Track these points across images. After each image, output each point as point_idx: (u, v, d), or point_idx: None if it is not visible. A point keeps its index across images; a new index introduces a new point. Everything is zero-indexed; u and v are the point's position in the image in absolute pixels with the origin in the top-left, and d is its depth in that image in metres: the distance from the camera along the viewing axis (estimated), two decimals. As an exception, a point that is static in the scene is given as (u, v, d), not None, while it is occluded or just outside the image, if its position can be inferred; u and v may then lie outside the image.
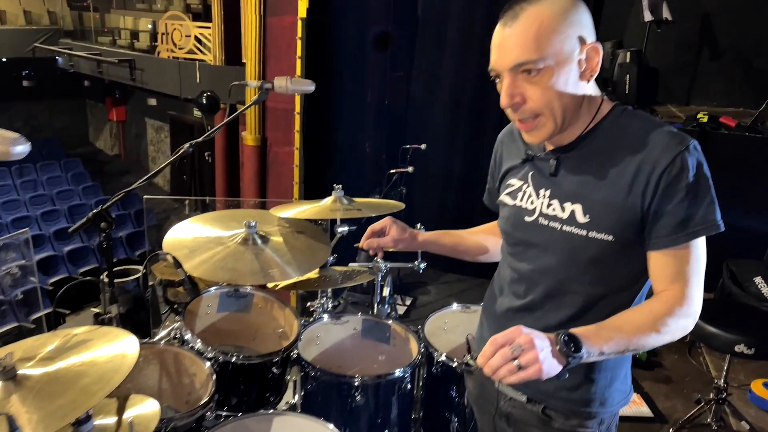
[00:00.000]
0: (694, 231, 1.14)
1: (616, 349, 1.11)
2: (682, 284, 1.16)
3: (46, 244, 8.50)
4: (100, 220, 1.91)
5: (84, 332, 1.39)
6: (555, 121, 1.17)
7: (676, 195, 1.13)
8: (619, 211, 1.17)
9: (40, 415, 1.12)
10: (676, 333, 1.15)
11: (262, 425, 1.61)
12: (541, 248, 1.28)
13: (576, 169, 1.23)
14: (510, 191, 1.37)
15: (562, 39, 1.13)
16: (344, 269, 2.32)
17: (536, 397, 1.33)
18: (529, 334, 1.03)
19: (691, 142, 1.15)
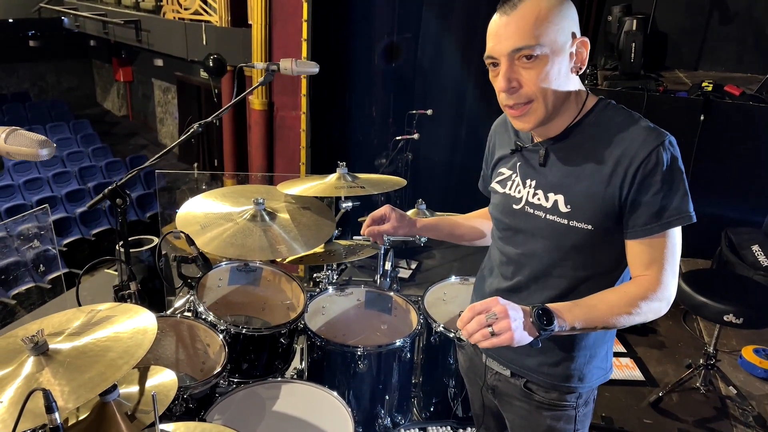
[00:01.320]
0: (668, 222, 1.20)
1: (588, 326, 1.21)
2: (656, 270, 1.23)
3: (59, 206, 8.66)
4: (116, 196, 1.98)
5: (107, 309, 1.51)
6: (546, 107, 1.23)
7: (651, 187, 1.19)
8: (598, 203, 1.23)
9: (72, 387, 1.24)
10: (648, 315, 1.23)
11: (271, 392, 1.74)
12: (527, 234, 1.35)
13: (560, 161, 1.30)
14: (500, 179, 1.44)
15: (558, 30, 1.19)
16: (348, 243, 2.42)
17: (519, 372, 1.43)
18: (504, 304, 1.13)
19: (666, 138, 1.20)
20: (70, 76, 13.81)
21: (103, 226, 8.37)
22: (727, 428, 2.72)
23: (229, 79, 7.34)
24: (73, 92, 13.81)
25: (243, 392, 1.73)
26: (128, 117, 13.81)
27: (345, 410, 1.68)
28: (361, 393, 2.08)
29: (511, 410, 1.49)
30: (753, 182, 3.99)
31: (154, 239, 2.93)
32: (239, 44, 6.90)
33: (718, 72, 5.02)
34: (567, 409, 1.42)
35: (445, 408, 2.25)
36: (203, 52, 7.27)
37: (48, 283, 7.08)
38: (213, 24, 7.50)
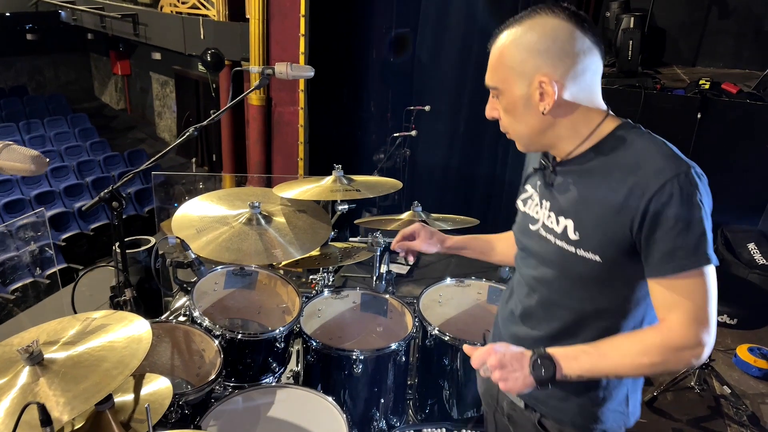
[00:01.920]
0: (682, 264, 1.09)
1: (596, 374, 1.15)
2: (678, 315, 1.12)
3: (57, 200, 8.65)
4: (112, 199, 1.98)
5: (102, 317, 1.52)
6: (520, 140, 1.25)
7: (663, 224, 1.09)
8: (608, 233, 1.15)
9: (67, 398, 1.25)
10: (669, 365, 1.14)
11: (267, 397, 1.76)
12: (538, 258, 1.30)
13: (573, 185, 1.23)
14: (524, 197, 1.40)
15: (514, 73, 1.17)
16: (344, 245, 2.43)
17: (531, 404, 1.37)
18: (497, 357, 1.14)
19: (685, 169, 1.09)
20: (67, 69, 13.76)
21: (101, 220, 8.36)
22: (721, 427, 2.74)
23: (227, 74, 7.32)
24: (70, 86, 13.76)
25: (238, 398, 1.74)
26: (126, 111, 13.77)
27: (340, 415, 1.70)
28: (357, 395, 2.09)
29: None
30: (749, 180, 4.00)
31: (152, 240, 2.94)
32: (237, 38, 6.88)
33: (717, 68, 5.02)
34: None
35: (441, 409, 2.27)
36: (201, 47, 7.25)
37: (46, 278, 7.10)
38: (210, 18, 7.47)
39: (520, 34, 1.17)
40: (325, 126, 6.18)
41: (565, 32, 1.14)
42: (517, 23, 1.18)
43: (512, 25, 1.19)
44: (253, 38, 6.33)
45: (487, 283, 2.39)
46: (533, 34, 1.15)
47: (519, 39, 1.16)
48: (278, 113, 6.54)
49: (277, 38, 6.25)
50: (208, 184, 6.20)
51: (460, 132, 5.71)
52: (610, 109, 1.24)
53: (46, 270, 7.21)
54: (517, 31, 1.17)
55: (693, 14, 5.05)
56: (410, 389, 2.35)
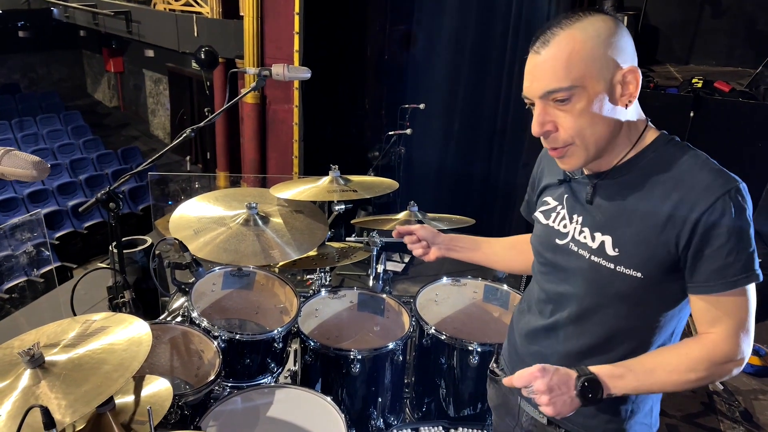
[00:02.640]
0: (734, 281, 1.09)
1: (642, 391, 1.15)
2: (723, 329, 1.12)
3: (50, 198, 8.61)
4: (108, 201, 1.99)
5: (102, 319, 1.53)
6: (587, 149, 1.14)
7: (714, 241, 1.07)
8: (650, 249, 1.12)
9: (69, 400, 1.26)
10: (714, 378, 1.15)
11: (265, 397, 1.77)
12: (569, 273, 1.25)
13: (611, 199, 1.19)
14: (545, 209, 1.34)
15: (597, 64, 1.08)
16: (341, 245, 2.44)
17: (556, 421, 1.33)
18: (545, 381, 1.09)
19: (735, 185, 1.08)
20: (60, 67, 13.69)
21: (95, 219, 8.33)
22: (714, 423, 2.77)
23: (221, 71, 7.30)
24: (63, 83, 13.69)
25: (237, 398, 1.75)
26: (119, 108, 13.72)
27: (338, 415, 1.71)
28: (354, 394, 2.11)
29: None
30: (742, 178, 4.02)
31: (148, 240, 2.94)
32: (231, 36, 6.87)
33: (710, 66, 5.05)
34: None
35: (438, 407, 2.29)
36: (195, 44, 7.22)
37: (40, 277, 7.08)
38: (204, 15, 7.45)
39: (591, 29, 1.09)
40: (319, 124, 6.18)
41: (625, 30, 1.12)
42: (576, 21, 1.10)
43: (570, 24, 1.10)
44: (247, 36, 6.32)
45: (483, 281, 2.40)
46: (604, 28, 1.09)
47: (590, 33, 1.08)
48: (273, 111, 6.54)
49: (271, 36, 6.24)
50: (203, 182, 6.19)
51: (455, 130, 5.72)
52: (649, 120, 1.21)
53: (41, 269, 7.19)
54: (584, 26, 1.09)
55: (686, 12, 5.08)
56: (407, 388, 2.37)
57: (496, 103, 5.08)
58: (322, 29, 5.86)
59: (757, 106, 3.95)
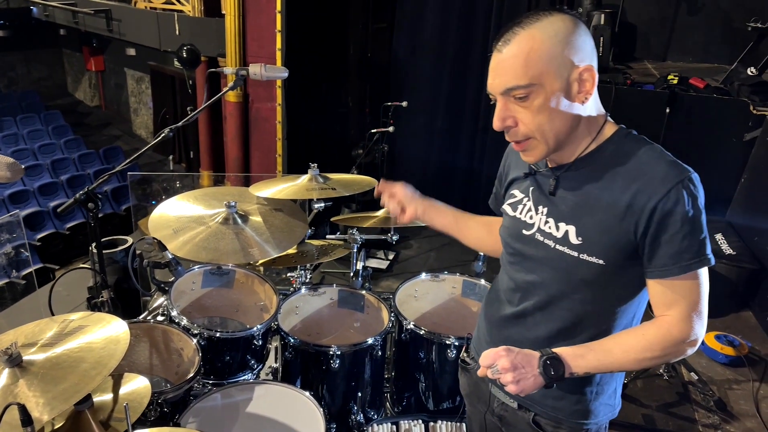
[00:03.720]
0: (687, 264, 1.15)
1: (602, 370, 1.21)
2: (678, 311, 1.18)
3: (31, 200, 8.52)
4: (87, 201, 1.99)
5: (80, 318, 1.54)
6: (546, 143, 1.19)
7: (669, 228, 1.14)
8: (611, 237, 1.18)
9: (46, 398, 1.27)
10: (668, 357, 1.21)
11: (245, 394, 1.79)
12: (536, 262, 1.31)
13: (573, 190, 1.25)
14: (512, 202, 1.39)
15: (553, 63, 1.13)
16: (321, 243, 2.46)
17: (526, 404, 1.39)
18: (509, 359, 1.14)
19: (688, 175, 1.14)
20: (40, 66, 13.52)
21: (77, 219, 8.26)
22: (689, 413, 2.83)
23: (203, 69, 7.26)
24: (43, 82, 13.52)
25: (217, 394, 1.77)
26: (101, 107, 13.58)
27: (317, 410, 1.74)
28: (334, 390, 2.14)
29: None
30: (717, 173, 4.11)
31: (129, 239, 2.94)
32: (213, 34, 6.83)
33: (686, 62, 5.13)
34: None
35: (417, 401, 2.32)
36: (176, 42, 7.18)
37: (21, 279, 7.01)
38: (185, 14, 7.40)
39: (550, 29, 1.13)
40: (303, 122, 6.18)
41: (584, 29, 1.17)
42: (536, 21, 1.14)
43: (530, 23, 1.14)
44: (229, 34, 6.30)
45: (461, 277, 2.44)
46: (563, 27, 1.14)
47: (549, 33, 1.13)
48: (256, 109, 6.53)
49: (253, 34, 6.23)
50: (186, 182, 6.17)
51: (438, 127, 5.76)
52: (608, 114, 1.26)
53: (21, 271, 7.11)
54: (543, 26, 1.14)
55: (663, 10, 5.16)
56: (387, 382, 2.40)
57: (478, 100, 5.12)
58: (304, 27, 5.86)
59: (731, 102, 4.02)
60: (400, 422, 2.14)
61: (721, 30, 4.99)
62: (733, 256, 3.60)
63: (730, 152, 4.04)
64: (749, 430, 2.69)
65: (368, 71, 7.02)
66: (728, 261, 3.55)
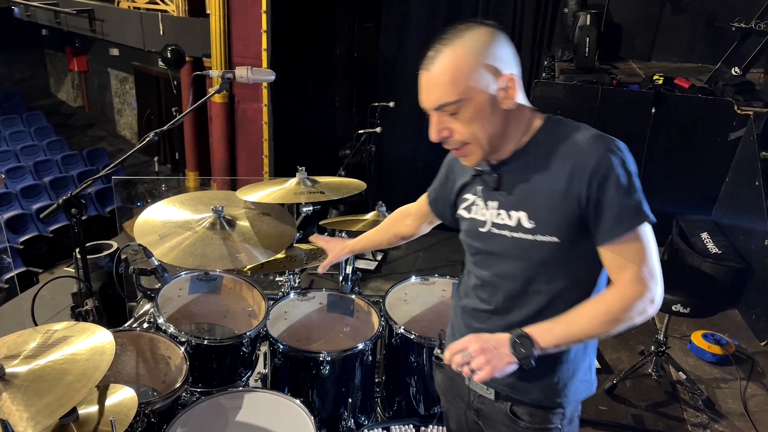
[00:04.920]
0: (629, 225, 1.22)
1: (571, 341, 1.24)
2: (630, 272, 1.23)
3: (14, 202, 8.40)
4: (70, 206, 1.94)
5: (63, 328, 1.51)
6: (482, 147, 1.28)
7: (607, 192, 1.21)
8: (560, 214, 1.25)
9: (30, 412, 1.25)
10: (634, 318, 1.23)
11: (234, 402, 1.76)
12: (497, 256, 1.36)
13: (517, 180, 1.32)
14: (465, 206, 1.45)
15: (477, 77, 1.21)
16: (309, 247, 2.44)
17: (503, 392, 1.42)
18: (479, 343, 1.17)
19: (613, 142, 1.24)
20: (22, 66, 13.33)
21: (61, 222, 8.15)
22: (678, 412, 2.84)
23: (188, 70, 7.19)
24: (25, 83, 13.34)
25: (205, 403, 1.74)
26: (84, 108, 13.42)
27: (307, 418, 1.72)
28: (325, 396, 2.12)
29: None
30: (702, 172, 4.14)
31: (114, 244, 2.90)
32: (197, 34, 6.76)
33: (671, 62, 5.17)
34: (553, 431, 1.42)
35: (408, 406, 2.31)
36: (161, 43, 7.10)
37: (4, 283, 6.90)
38: (170, 14, 7.32)
39: (471, 44, 1.21)
40: (289, 123, 6.15)
41: (503, 38, 1.26)
42: (458, 37, 1.22)
43: (453, 40, 1.22)
44: (214, 34, 6.24)
45: (451, 280, 2.43)
46: (483, 41, 1.22)
47: (470, 48, 1.21)
48: (242, 110, 6.48)
49: (238, 34, 6.18)
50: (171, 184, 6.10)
51: (425, 128, 5.72)
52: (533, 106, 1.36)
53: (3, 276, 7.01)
54: (465, 42, 1.21)
55: (647, 10, 5.18)
56: (378, 387, 2.39)
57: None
58: (290, 27, 5.83)
59: (716, 101, 4.05)
60: (391, 427, 2.13)
61: (705, 30, 5.03)
62: (719, 255, 3.63)
63: (715, 152, 4.07)
64: (738, 428, 2.71)
65: (355, 71, 7.00)
66: (714, 260, 3.58)
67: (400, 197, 2.72)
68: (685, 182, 4.18)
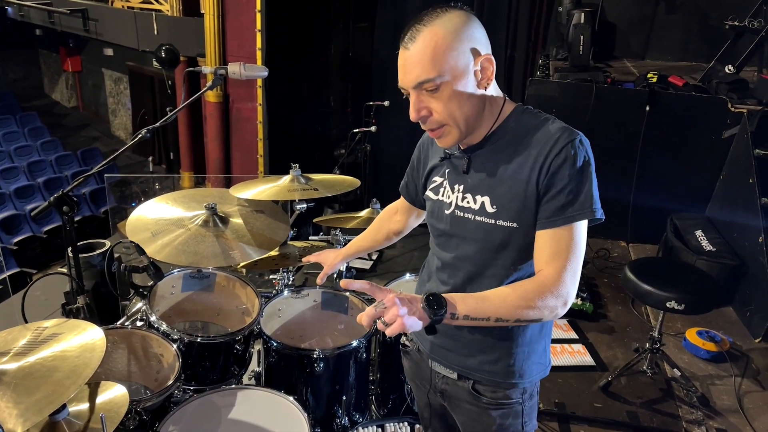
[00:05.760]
0: (571, 216, 1.26)
1: (480, 315, 1.24)
2: (556, 266, 1.26)
3: (7, 202, 8.35)
4: (62, 204, 1.93)
5: (53, 325, 1.49)
6: (459, 128, 1.30)
7: (559, 182, 1.25)
8: (520, 201, 1.30)
9: (20, 409, 1.23)
10: (544, 312, 1.25)
11: (227, 399, 1.75)
12: (459, 238, 1.41)
13: (484, 165, 1.36)
14: (433, 187, 1.49)
15: (456, 55, 1.23)
16: (303, 245, 2.43)
17: (464, 374, 1.47)
18: (393, 295, 1.16)
19: (578, 137, 1.27)
20: (15, 66, 13.28)
21: (55, 222, 8.10)
22: (672, 409, 2.84)
23: (182, 70, 7.17)
24: (19, 83, 13.29)
25: (198, 401, 1.73)
26: (78, 108, 13.37)
27: (301, 415, 1.71)
28: (319, 394, 2.10)
29: (460, 412, 1.55)
30: (696, 170, 4.16)
31: (106, 243, 2.88)
32: (192, 34, 6.74)
33: (665, 61, 5.18)
34: (514, 406, 1.48)
35: (403, 403, 2.30)
36: (155, 42, 7.09)
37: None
38: (164, 13, 7.30)
39: (450, 24, 1.24)
40: (284, 122, 6.14)
41: (478, 21, 1.29)
42: (436, 18, 1.24)
43: (431, 20, 1.24)
44: (208, 34, 6.23)
45: (445, 277, 2.42)
46: (460, 22, 1.25)
47: (450, 27, 1.23)
48: (236, 110, 6.47)
49: (233, 34, 6.17)
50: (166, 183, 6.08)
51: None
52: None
53: (0, 275, 6.96)
54: (443, 22, 1.24)
55: (641, 9, 5.20)
56: (372, 385, 2.38)
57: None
58: (284, 26, 5.82)
59: (710, 99, 4.07)
60: (386, 424, 2.12)
61: (699, 29, 5.05)
62: (713, 252, 3.64)
63: (709, 149, 4.08)
64: (732, 425, 2.71)
65: (350, 71, 7.00)
66: (708, 257, 3.59)
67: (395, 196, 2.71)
68: (679, 180, 4.20)
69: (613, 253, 4.31)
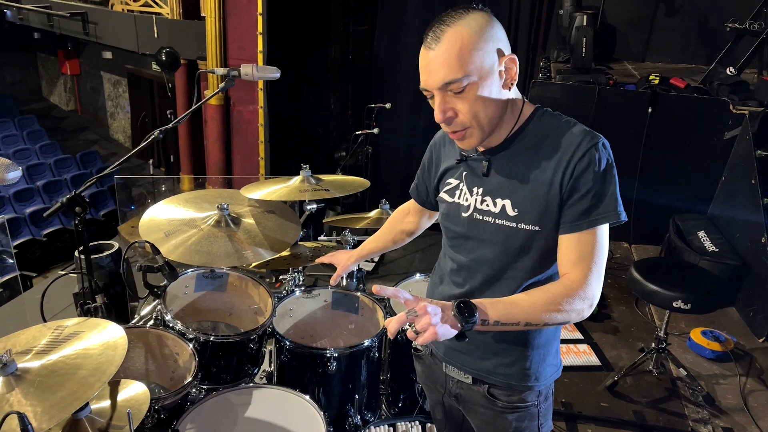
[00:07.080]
0: (596, 219, 1.26)
1: (511, 320, 1.22)
2: (582, 269, 1.26)
3: (7, 206, 8.34)
4: (74, 205, 1.93)
5: (74, 324, 1.50)
6: (482, 129, 1.29)
7: (583, 186, 1.25)
8: (542, 204, 1.29)
9: (44, 407, 1.24)
10: (571, 314, 1.25)
11: (243, 398, 1.76)
12: (477, 240, 1.39)
13: (504, 168, 1.35)
14: (448, 189, 1.47)
15: (482, 55, 1.22)
16: (314, 245, 2.44)
17: (479, 377, 1.46)
18: (425, 303, 1.13)
19: (600, 140, 1.27)
20: (13, 69, 13.26)
21: (54, 226, 8.11)
22: (678, 408, 2.86)
23: (182, 72, 7.17)
24: (17, 86, 13.25)
25: (214, 400, 1.74)
26: (77, 111, 13.35)
27: (317, 413, 1.72)
28: (331, 393, 2.12)
29: (476, 416, 1.53)
30: (698, 171, 4.18)
31: (115, 245, 2.89)
32: (192, 37, 6.74)
33: (665, 63, 5.21)
34: (529, 408, 1.47)
35: (413, 402, 2.31)
36: (155, 45, 7.09)
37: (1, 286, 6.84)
38: (164, 16, 7.31)
39: (474, 24, 1.22)
40: (285, 125, 6.15)
41: (499, 23, 1.28)
42: (459, 18, 1.23)
43: (455, 21, 1.23)
44: (209, 37, 6.24)
45: (454, 277, 2.43)
46: (484, 22, 1.24)
47: (475, 27, 1.22)
48: (237, 112, 6.47)
49: (234, 37, 6.18)
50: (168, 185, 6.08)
51: (421, 128, 5.76)
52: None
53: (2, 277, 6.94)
54: (467, 22, 1.22)
55: (641, 11, 5.23)
56: (383, 384, 2.39)
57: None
58: (285, 29, 5.83)
59: (711, 101, 4.10)
60: (397, 423, 2.13)
61: (698, 31, 5.08)
62: (716, 252, 3.66)
63: (711, 151, 4.11)
64: (738, 423, 2.73)
65: (350, 73, 7.01)
66: (711, 258, 3.61)
67: (397, 198, 2.73)
68: (681, 181, 4.23)
69: (616, 254, 4.33)
